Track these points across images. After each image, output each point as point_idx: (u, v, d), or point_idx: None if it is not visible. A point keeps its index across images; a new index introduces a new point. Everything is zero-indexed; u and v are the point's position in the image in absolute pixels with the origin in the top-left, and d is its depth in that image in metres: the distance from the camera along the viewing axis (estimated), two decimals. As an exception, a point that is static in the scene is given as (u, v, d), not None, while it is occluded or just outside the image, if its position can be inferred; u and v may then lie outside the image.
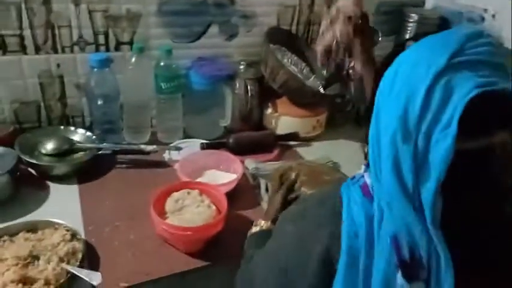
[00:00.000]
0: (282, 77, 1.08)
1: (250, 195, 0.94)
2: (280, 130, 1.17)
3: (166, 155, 1.04)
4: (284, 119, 1.17)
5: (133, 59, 1.02)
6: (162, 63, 1.05)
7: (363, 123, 0.54)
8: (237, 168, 0.95)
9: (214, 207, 0.80)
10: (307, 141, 1.18)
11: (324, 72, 1.21)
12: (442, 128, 0.41)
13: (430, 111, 0.42)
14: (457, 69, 0.42)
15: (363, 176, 0.52)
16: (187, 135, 1.14)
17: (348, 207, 0.51)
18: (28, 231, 0.74)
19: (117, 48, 1.06)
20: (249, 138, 1.11)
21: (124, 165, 1.00)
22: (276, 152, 1.10)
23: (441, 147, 0.41)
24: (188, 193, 0.82)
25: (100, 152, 0.97)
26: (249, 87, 1.13)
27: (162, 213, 0.79)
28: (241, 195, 0.92)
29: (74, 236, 0.74)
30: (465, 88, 0.41)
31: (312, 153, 1.13)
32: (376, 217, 0.48)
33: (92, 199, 0.88)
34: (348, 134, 1.24)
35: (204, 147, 1.07)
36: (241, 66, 1.15)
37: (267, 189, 0.94)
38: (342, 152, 1.14)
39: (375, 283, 0.47)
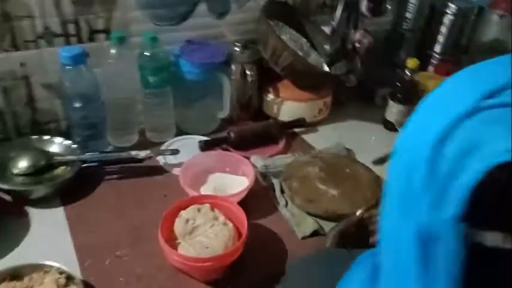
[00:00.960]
0: (286, 59, 0.95)
1: (264, 199, 0.83)
2: (284, 117, 1.05)
3: (161, 159, 0.91)
4: (288, 105, 1.04)
5: (113, 51, 0.87)
6: (147, 53, 0.90)
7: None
8: (247, 170, 0.84)
9: (231, 225, 0.69)
10: (313, 126, 1.07)
11: (328, 47, 1.09)
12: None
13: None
14: (486, 117, 0.30)
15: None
16: (180, 132, 1.01)
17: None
18: (12, 278, 0.61)
19: (91, 38, 0.90)
20: (252, 130, 0.99)
21: (115, 176, 0.86)
22: (282, 142, 0.99)
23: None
24: (198, 210, 0.70)
25: (85, 165, 0.83)
26: (247, 73, 0.99)
27: (172, 239, 0.67)
28: (253, 200, 0.80)
29: (69, 279, 0.61)
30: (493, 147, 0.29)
31: (321, 140, 1.02)
32: None
33: (83, 224, 0.75)
34: (355, 113, 1.14)
35: (203, 146, 0.94)
36: (237, 48, 1.01)
37: (282, 191, 0.83)
38: (352, 135, 1.04)
39: None
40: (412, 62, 1.02)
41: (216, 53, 0.97)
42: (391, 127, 1.08)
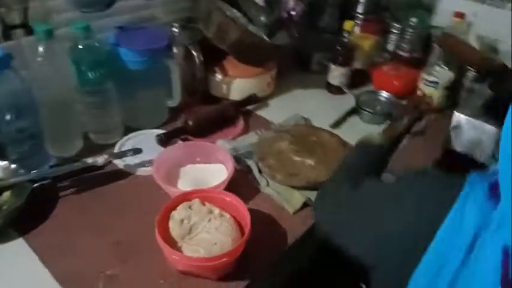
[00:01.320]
0: (233, 34, 0.91)
1: (243, 183, 0.80)
2: (235, 96, 1.02)
3: (119, 162, 0.82)
4: (237, 83, 1.01)
5: (40, 48, 0.74)
6: (80, 46, 0.78)
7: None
8: (220, 157, 0.80)
9: (228, 215, 0.65)
10: (264, 101, 1.06)
11: (264, 18, 1.07)
12: None
13: None
14: None
15: (496, 173, 0.43)
16: (128, 128, 0.92)
17: (462, 206, 0.43)
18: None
19: (6, 36, 0.76)
20: (209, 114, 0.94)
21: (73, 190, 0.76)
22: (241, 122, 0.96)
23: None
24: (189, 207, 0.65)
25: (36, 185, 0.71)
26: (194, 54, 0.93)
27: (171, 243, 0.61)
28: (232, 186, 0.77)
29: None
30: None
31: (276, 113, 1.01)
32: (493, 224, 0.41)
33: (55, 251, 0.65)
34: (297, 83, 1.15)
35: (162, 140, 0.87)
36: (175, 29, 0.94)
37: (260, 171, 0.81)
38: (303, 104, 1.06)
39: None
40: (349, 25, 1.05)
41: (156, 37, 0.89)
42: (335, 90, 1.12)
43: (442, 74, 1.02)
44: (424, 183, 0.49)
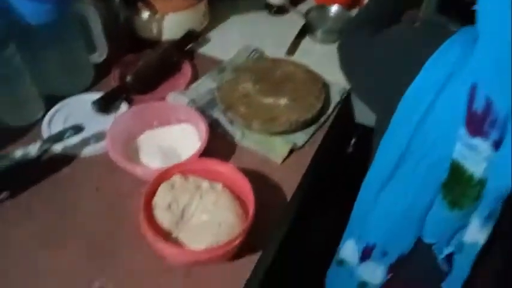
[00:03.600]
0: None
1: (214, 139, 0.68)
2: (169, 35, 0.86)
3: (57, 147, 0.65)
4: (170, 18, 0.84)
5: None
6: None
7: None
8: (182, 114, 0.67)
9: (220, 185, 0.56)
10: (203, 36, 0.91)
11: None
12: None
13: None
14: None
15: None
16: (49, 99, 0.73)
17: (449, 44, 0.46)
18: None
19: None
20: (149, 64, 0.78)
21: (8, 195, 0.59)
22: (187, 67, 0.81)
23: None
24: (172, 187, 0.54)
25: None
26: (113, -8, 0.73)
27: (165, 235, 0.51)
28: (208, 145, 0.65)
29: None
30: None
31: (222, 49, 0.87)
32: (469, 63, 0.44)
33: (14, 282, 0.51)
34: (235, 9, 1.00)
35: (100, 106, 0.70)
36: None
37: (231, 121, 0.71)
38: (247, 33, 0.93)
39: (431, 132, 0.45)
40: None
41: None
42: (276, 10, 1.00)
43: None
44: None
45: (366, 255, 0.57)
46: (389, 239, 0.53)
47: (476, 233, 0.46)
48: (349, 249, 0.60)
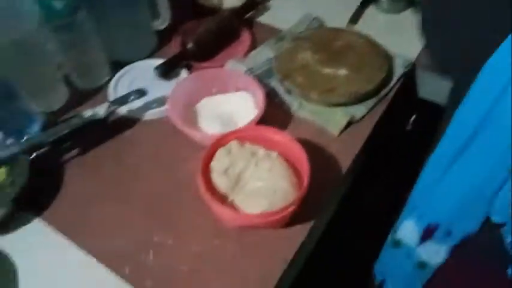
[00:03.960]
0: None
1: (271, 109, 0.67)
2: (230, 2, 0.85)
3: (122, 109, 0.68)
4: (230, -14, 0.84)
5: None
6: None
7: None
8: (240, 82, 0.68)
9: (275, 153, 0.56)
10: (262, 4, 0.90)
11: None
12: None
13: None
14: None
15: None
16: (114, 64, 0.76)
17: None
18: None
19: None
20: (209, 32, 0.78)
21: (78, 152, 0.64)
22: (246, 35, 0.81)
23: None
24: (229, 152, 0.55)
25: (33, 156, 0.58)
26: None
27: (222, 199, 0.52)
28: (265, 114, 0.65)
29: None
30: None
31: (282, 18, 0.86)
32: None
33: (85, 229, 0.56)
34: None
35: (162, 72, 0.72)
36: None
37: (288, 91, 0.70)
38: (312, 1, 0.89)
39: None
40: None
41: None
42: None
43: None
44: None
45: (427, 235, 0.54)
46: (455, 217, 0.50)
47: None
48: (408, 229, 0.57)
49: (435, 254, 0.54)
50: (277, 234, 0.54)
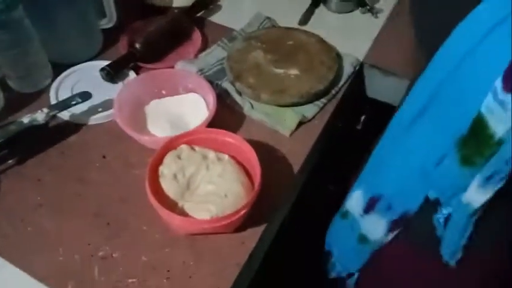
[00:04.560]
0: None
1: (222, 110, 0.67)
2: (180, 2, 0.83)
3: (64, 114, 0.65)
4: (180, -16, 0.82)
5: None
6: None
7: None
8: (190, 84, 0.66)
9: (226, 156, 0.55)
10: (213, 3, 0.88)
11: None
12: None
13: None
14: None
15: None
16: (56, 66, 0.72)
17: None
18: None
19: None
20: (159, 31, 0.76)
21: (16, 162, 0.59)
22: (197, 35, 0.79)
23: None
24: (178, 157, 0.54)
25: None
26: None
27: (171, 205, 0.51)
28: (213, 117, 0.62)
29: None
30: None
31: (233, 17, 0.84)
32: None
33: (24, 246, 0.52)
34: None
35: (108, 74, 0.69)
36: None
37: (239, 92, 0.69)
38: (263, 1, 0.89)
39: (465, 79, 0.41)
40: None
41: None
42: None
43: None
44: None
45: (370, 206, 0.55)
46: (397, 191, 0.50)
47: (473, 194, 0.44)
48: (354, 200, 0.58)
49: (375, 227, 0.54)
50: (229, 238, 0.53)
